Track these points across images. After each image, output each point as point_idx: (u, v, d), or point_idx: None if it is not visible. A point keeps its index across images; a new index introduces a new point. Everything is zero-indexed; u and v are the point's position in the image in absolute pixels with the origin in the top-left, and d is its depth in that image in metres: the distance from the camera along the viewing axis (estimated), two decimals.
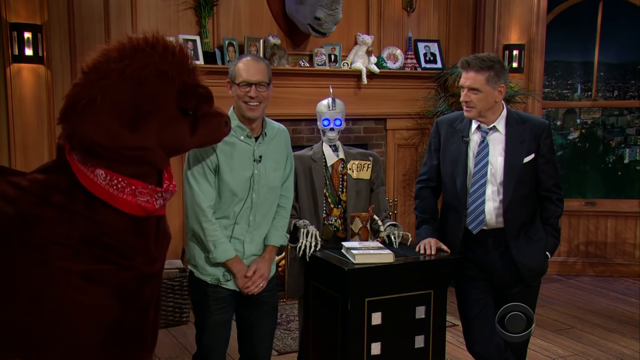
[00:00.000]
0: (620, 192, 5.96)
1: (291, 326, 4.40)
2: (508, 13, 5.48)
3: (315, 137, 4.83)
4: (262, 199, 2.66)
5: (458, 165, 2.83)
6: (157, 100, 2.02)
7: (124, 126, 1.98)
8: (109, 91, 1.97)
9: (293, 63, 4.97)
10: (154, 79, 2.00)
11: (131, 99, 1.98)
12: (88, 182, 2.00)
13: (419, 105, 5.47)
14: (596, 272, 5.85)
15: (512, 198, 2.76)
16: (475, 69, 2.72)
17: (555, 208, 2.86)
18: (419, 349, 2.74)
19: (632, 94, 5.91)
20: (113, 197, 2.01)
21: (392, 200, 5.40)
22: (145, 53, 2.02)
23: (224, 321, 2.69)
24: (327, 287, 2.77)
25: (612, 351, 4.08)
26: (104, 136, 1.97)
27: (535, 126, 2.81)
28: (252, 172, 2.62)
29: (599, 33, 5.83)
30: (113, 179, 2.00)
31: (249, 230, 2.66)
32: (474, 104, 2.74)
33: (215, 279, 2.64)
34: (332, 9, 4.63)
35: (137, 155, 2.03)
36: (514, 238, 2.79)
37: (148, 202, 2.07)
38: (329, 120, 3.06)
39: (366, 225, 2.92)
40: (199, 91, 2.10)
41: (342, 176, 3.08)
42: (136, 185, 2.04)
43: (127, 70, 1.98)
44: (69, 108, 2.00)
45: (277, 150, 2.72)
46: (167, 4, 4.59)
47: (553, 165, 2.85)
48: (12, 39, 3.97)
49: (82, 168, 2.01)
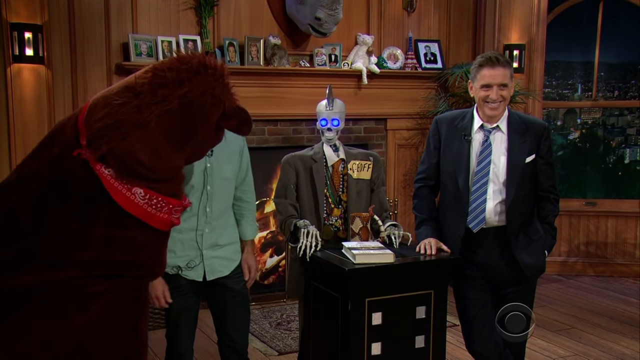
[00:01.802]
0: (621, 192, 5.96)
1: (291, 326, 4.40)
2: (508, 13, 5.48)
3: (316, 137, 4.83)
4: (217, 191, 2.77)
5: (460, 164, 2.82)
6: (207, 123, 2.01)
7: (172, 148, 1.97)
8: (166, 116, 1.92)
9: (293, 63, 4.97)
10: (210, 104, 1.98)
11: (185, 123, 1.96)
12: (123, 199, 1.93)
13: (420, 106, 5.47)
14: (596, 272, 5.85)
15: (514, 197, 2.77)
16: (504, 64, 2.75)
17: (553, 207, 2.89)
18: (420, 349, 2.74)
19: (632, 94, 5.91)
20: (150, 215, 1.97)
21: (392, 200, 5.40)
22: (202, 77, 1.97)
23: (187, 307, 2.80)
24: (328, 287, 2.77)
25: (612, 351, 4.07)
26: (149, 155, 1.92)
27: (536, 127, 2.82)
28: (205, 165, 2.73)
29: (599, 33, 5.83)
30: (152, 198, 1.97)
31: (207, 221, 2.76)
32: (502, 101, 2.76)
33: (175, 268, 2.74)
34: (333, 9, 4.63)
35: (176, 174, 2.03)
36: (515, 236, 2.80)
37: (178, 218, 2.09)
38: (327, 120, 3.07)
39: (366, 226, 2.92)
40: (242, 115, 2.08)
41: (343, 176, 3.08)
42: (174, 204, 2.03)
43: (188, 95, 1.93)
44: (112, 126, 1.91)
45: (230, 143, 2.80)
46: (167, 4, 4.59)
47: (551, 166, 2.87)
48: (12, 39, 3.97)
49: (117, 184, 1.93)
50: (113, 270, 1.97)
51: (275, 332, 4.32)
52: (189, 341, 2.87)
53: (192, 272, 2.76)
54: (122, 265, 1.99)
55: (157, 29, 4.55)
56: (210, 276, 2.78)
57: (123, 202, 1.94)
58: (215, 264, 2.78)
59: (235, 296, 2.86)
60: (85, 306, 1.95)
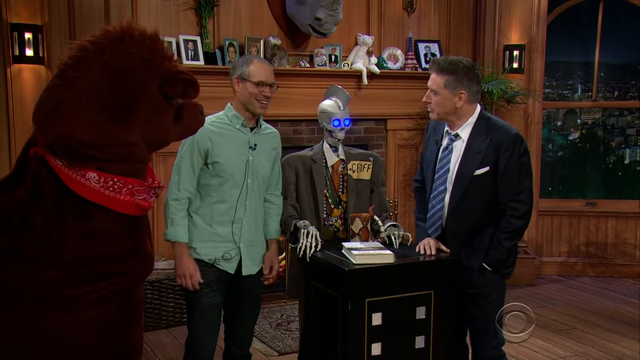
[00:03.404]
0: (621, 193, 5.96)
1: (291, 327, 4.40)
2: (508, 13, 5.48)
3: (316, 138, 4.83)
4: (256, 186, 2.82)
5: (429, 169, 2.85)
6: (143, 91, 1.91)
7: (112, 122, 1.86)
8: (94, 87, 1.84)
9: (293, 63, 4.97)
10: (140, 69, 1.89)
11: (117, 93, 1.86)
12: (79, 187, 1.86)
13: (420, 106, 5.45)
14: (597, 273, 5.84)
15: (455, 207, 2.73)
16: (437, 70, 2.69)
17: (505, 224, 2.69)
18: (420, 350, 2.74)
19: (632, 94, 5.91)
20: (109, 199, 1.89)
21: (392, 200, 5.40)
22: (125, 43, 1.90)
23: (214, 305, 2.81)
24: (328, 287, 2.77)
25: (612, 352, 4.07)
26: (91, 135, 1.84)
27: (498, 138, 2.66)
28: (248, 158, 2.78)
29: (599, 33, 5.83)
30: (108, 180, 1.89)
31: (245, 215, 2.80)
32: (432, 107, 2.74)
33: (212, 258, 2.76)
34: (333, 10, 4.63)
35: (128, 152, 1.92)
36: (458, 246, 2.77)
37: (145, 200, 1.99)
38: (340, 120, 3.02)
39: (366, 226, 2.92)
40: (183, 77, 2.00)
41: (343, 177, 3.07)
42: (132, 183, 1.94)
43: (111, 62, 1.86)
44: (49, 112, 1.84)
45: (270, 145, 2.90)
46: (167, 4, 4.59)
47: (512, 179, 2.67)
48: (12, 39, 3.97)
49: (71, 173, 1.86)
50: (95, 268, 1.90)
51: (276, 332, 4.32)
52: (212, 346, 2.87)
53: (227, 263, 2.79)
54: (101, 260, 1.91)
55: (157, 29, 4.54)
56: (245, 270, 2.82)
57: (79, 189, 1.87)
58: (247, 260, 2.83)
59: (252, 300, 2.93)
60: (70, 308, 1.90)
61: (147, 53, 1.92)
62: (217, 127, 2.77)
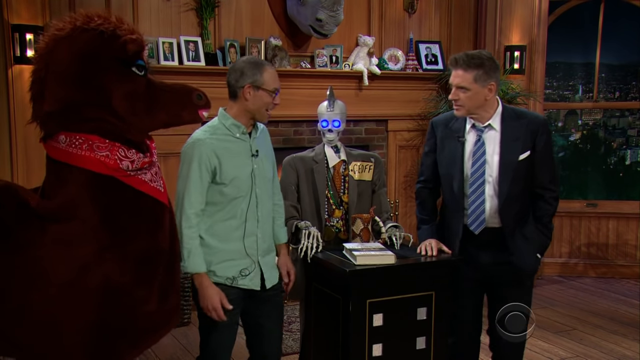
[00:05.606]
0: (622, 194, 5.96)
1: (292, 327, 4.40)
2: (509, 14, 5.48)
3: (317, 139, 4.84)
4: (263, 193, 2.66)
5: (454, 166, 2.80)
6: (99, 58, 1.98)
7: (69, 86, 1.97)
8: (51, 59, 1.97)
9: (294, 64, 4.97)
10: (92, 39, 1.97)
11: (70, 62, 1.96)
12: (50, 150, 2.02)
13: (420, 107, 5.47)
14: (597, 274, 5.84)
15: (507, 196, 2.74)
16: (463, 67, 2.68)
17: (547, 207, 2.80)
18: (421, 351, 2.74)
19: (633, 95, 5.91)
20: (72, 156, 1.97)
21: (393, 201, 5.40)
22: (89, 20, 2.01)
23: (232, 323, 2.66)
24: (329, 288, 2.77)
25: (613, 353, 4.07)
26: (54, 104, 1.97)
27: (532, 122, 2.76)
28: (252, 167, 2.62)
29: (600, 34, 5.83)
30: (72, 138, 1.98)
31: (258, 226, 2.65)
32: (462, 103, 2.71)
33: (229, 279, 2.61)
34: (334, 10, 4.64)
35: (94, 116, 1.99)
36: (511, 236, 2.77)
37: (108, 157, 1.99)
38: (327, 121, 3.07)
39: (368, 227, 2.92)
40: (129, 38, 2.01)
41: (344, 177, 3.08)
42: (92, 139, 1.98)
43: (73, 40, 1.97)
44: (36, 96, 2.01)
45: (267, 144, 2.77)
46: (168, 5, 4.60)
47: (549, 161, 2.79)
48: (14, 40, 3.97)
49: (47, 143, 2.03)
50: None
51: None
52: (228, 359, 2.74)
53: (247, 280, 2.63)
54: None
55: (158, 30, 4.55)
56: (268, 283, 2.68)
57: (51, 152, 2.02)
58: (267, 272, 2.68)
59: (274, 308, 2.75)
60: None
61: (104, 27, 1.99)
62: (219, 140, 2.57)
